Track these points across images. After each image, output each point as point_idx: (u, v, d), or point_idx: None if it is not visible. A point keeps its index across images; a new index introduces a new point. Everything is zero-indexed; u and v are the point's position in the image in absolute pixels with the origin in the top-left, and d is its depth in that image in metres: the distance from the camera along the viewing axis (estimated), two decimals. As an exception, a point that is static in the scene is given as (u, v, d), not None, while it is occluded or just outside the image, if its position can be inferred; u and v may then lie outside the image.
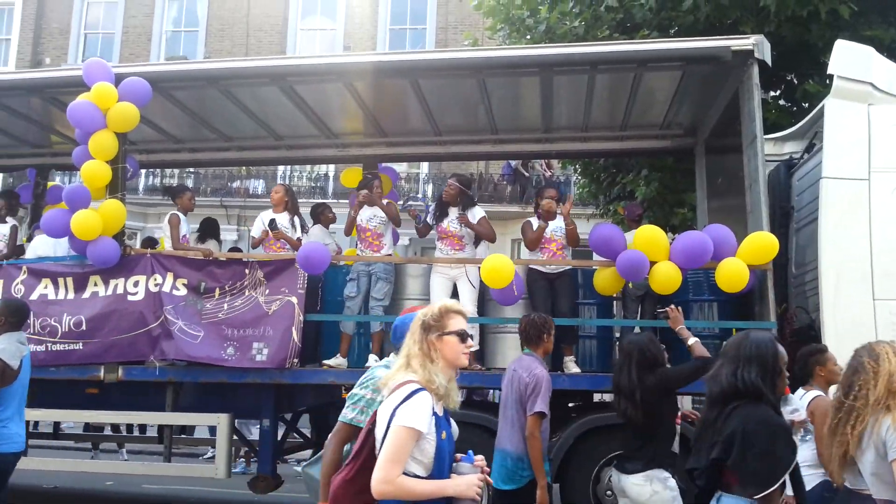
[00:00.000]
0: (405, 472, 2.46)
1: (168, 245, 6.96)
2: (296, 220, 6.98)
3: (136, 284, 6.27)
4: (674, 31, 8.31)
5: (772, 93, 8.91)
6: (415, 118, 7.39)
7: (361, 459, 2.64)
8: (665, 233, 5.92)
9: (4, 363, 4.53)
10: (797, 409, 4.37)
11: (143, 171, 16.86)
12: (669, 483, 4.13)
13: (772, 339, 3.02)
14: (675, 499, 4.12)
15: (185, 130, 8.01)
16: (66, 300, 6.35)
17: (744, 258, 5.41)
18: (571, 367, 6.02)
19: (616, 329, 6.70)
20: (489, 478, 2.80)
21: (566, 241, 6.29)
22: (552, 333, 4.70)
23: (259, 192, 18.90)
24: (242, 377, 6.10)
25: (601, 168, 10.63)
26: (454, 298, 6.29)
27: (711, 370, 3.13)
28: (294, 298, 6.11)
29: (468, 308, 6.20)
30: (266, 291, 6.16)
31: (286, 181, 18.51)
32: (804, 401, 4.45)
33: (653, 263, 5.51)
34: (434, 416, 2.54)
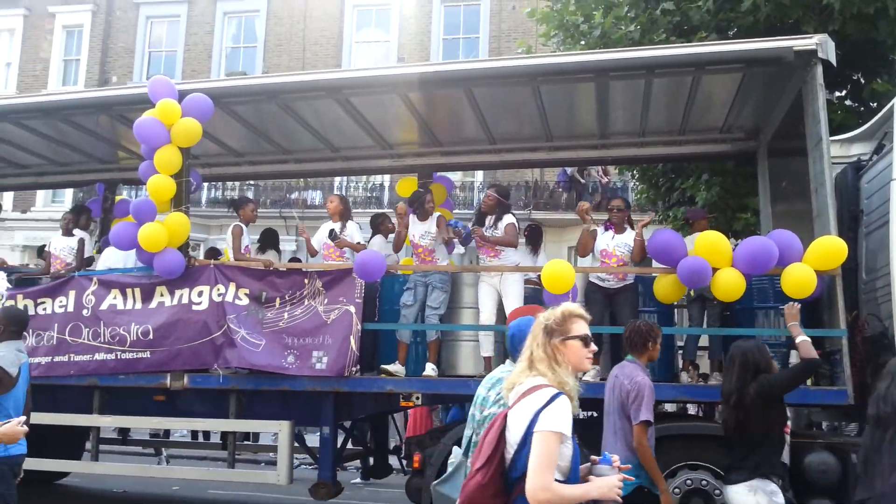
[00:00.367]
0: None
1: (231, 256, 7.13)
2: (350, 225, 6.98)
3: (201, 294, 6.44)
4: (733, 33, 8.13)
5: (837, 93, 8.63)
6: (469, 127, 7.41)
7: (495, 464, 2.60)
8: (727, 238, 5.78)
9: (4, 370, 4.58)
10: None
11: (206, 184, 17.31)
12: (776, 497, 4.00)
13: None
14: None
15: (245, 144, 8.19)
16: (134, 310, 6.55)
17: (811, 263, 5.24)
18: (632, 377, 5.90)
19: (678, 337, 6.56)
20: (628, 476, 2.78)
21: (629, 259, 6.17)
22: (658, 341, 4.57)
23: (317, 203, 19.21)
24: (302, 385, 6.19)
25: (659, 173, 10.45)
26: (500, 306, 6.29)
27: (879, 389, 2.96)
28: (352, 307, 6.18)
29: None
30: (325, 301, 6.25)
31: (342, 192, 18.79)
32: None
33: (715, 270, 5.39)
34: None
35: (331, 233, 6.83)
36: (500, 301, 6.33)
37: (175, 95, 6.38)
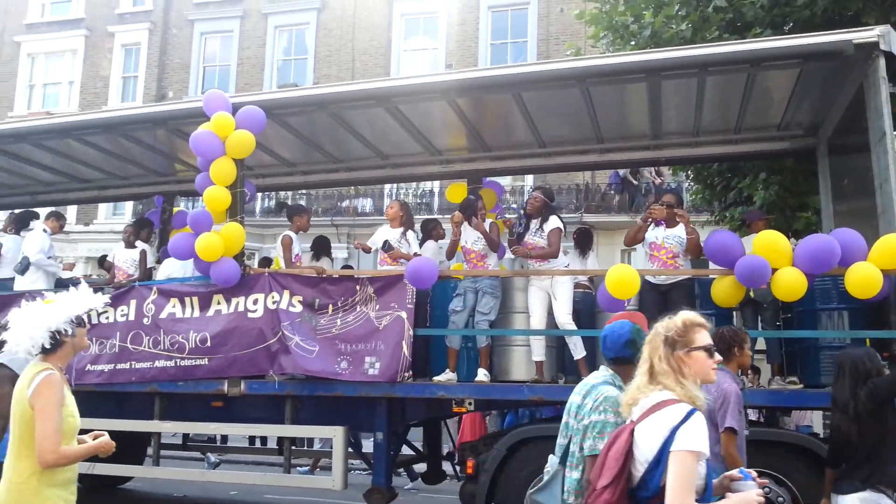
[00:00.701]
0: None
1: (282, 265, 7.23)
2: (409, 235, 6.97)
3: (256, 302, 6.55)
4: (788, 28, 7.91)
5: (901, 86, 8.30)
6: (518, 131, 7.37)
7: (623, 482, 2.53)
8: (787, 238, 5.62)
9: (14, 374, 4.65)
10: None
11: (259, 194, 17.66)
12: None
13: None
14: None
15: (297, 154, 8.32)
16: (193, 318, 6.70)
17: (876, 262, 5.04)
18: (689, 381, 5.77)
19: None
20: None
21: (681, 251, 6.07)
22: (745, 346, 4.42)
23: (367, 211, 19.41)
24: (355, 391, 6.23)
25: (715, 173, 10.22)
26: (550, 310, 6.22)
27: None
28: (403, 313, 6.20)
29: (563, 319, 6.12)
30: (376, 307, 6.29)
31: (393, 199, 18.92)
32: None
33: (774, 270, 5.24)
34: None
35: (385, 244, 6.85)
36: (550, 305, 6.27)
37: (229, 108, 6.52)
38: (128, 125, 7.42)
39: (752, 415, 9.13)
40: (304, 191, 18.57)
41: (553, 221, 6.41)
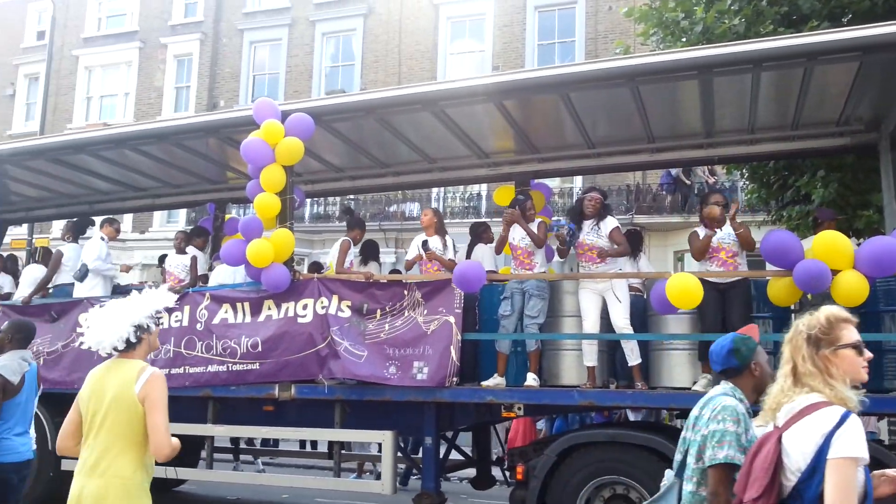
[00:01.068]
0: None
1: (335, 267, 7.28)
2: (447, 241, 7.04)
3: (305, 307, 6.61)
4: (847, 20, 7.63)
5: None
6: (567, 132, 7.27)
7: (775, 494, 2.37)
8: (848, 238, 5.41)
9: (5, 379, 4.78)
10: None
11: (308, 200, 17.91)
12: None
13: None
14: None
15: (345, 159, 8.37)
16: (244, 323, 6.79)
17: (945, 263, 4.82)
18: (746, 386, 5.60)
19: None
20: None
21: (738, 249, 5.91)
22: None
23: (415, 215, 19.47)
24: (404, 395, 6.23)
25: (771, 171, 9.92)
26: (605, 313, 6.10)
27: None
28: (451, 318, 6.18)
29: (621, 324, 5.99)
30: (424, 311, 6.28)
31: (440, 203, 18.96)
32: None
33: (835, 272, 5.04)
34: None
35: (424, 243, 6.86)
36: (603, 308, 6.16)
37: (278, 116, 6.59)
38: (181, 134, 7.56)
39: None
40: (352, 196, 18.74)
41: (611, 220, 6.33)
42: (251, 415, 6.97)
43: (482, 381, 6.32)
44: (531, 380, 6.16)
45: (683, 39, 8.95)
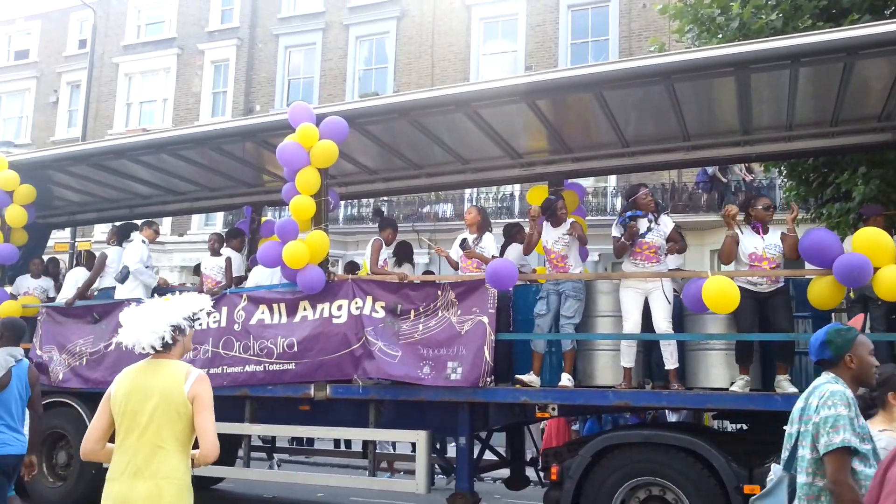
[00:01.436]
0: None
1: (369, 267, 7.33)
2: (486, 238, 6.90)
3: (340, 308, 6.67)
4: (889, 12, 7.46)
5: None
6: (600, 131, 7.23)
7: None
8: (891, 235, 5.29)
9: None
10: None
11: (342, 202, 18.06)
12: None
13: None
14: None
15: (379, 161, 8.42)
16: (280, 324, 6.88)
17: None
18: (786, 387, 5.51)
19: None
20: None
21: (782, 260, 5.78)
22: None
23: (448, 216, 19.51)
24: (438, 395, 6.25)
25: (810, 168, 9.74)
26: (646, 314, 6.03)
27: None
28: (485, 318, 6.18)
29: (663, 325, 5.92)
30: (458, 312, 6.29)
31: (473, 203, 18.96)
32: None
33: (877, 268, 4.94)
34: None
35: (463, 242, 6.86)
36: (646, 308, 6.04)
37: (313, 120, 6.66)
38: (218, 139, 7.69)
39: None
40: (386, 197, 18.84)
41: (669, 220, 6.24)
42: (287, 414, 7.05)
43: (517, 375, 6.29)
44: (566, 380, 6.13)
45: (719, 36, 8.83)
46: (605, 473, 5.57)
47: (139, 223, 9.05)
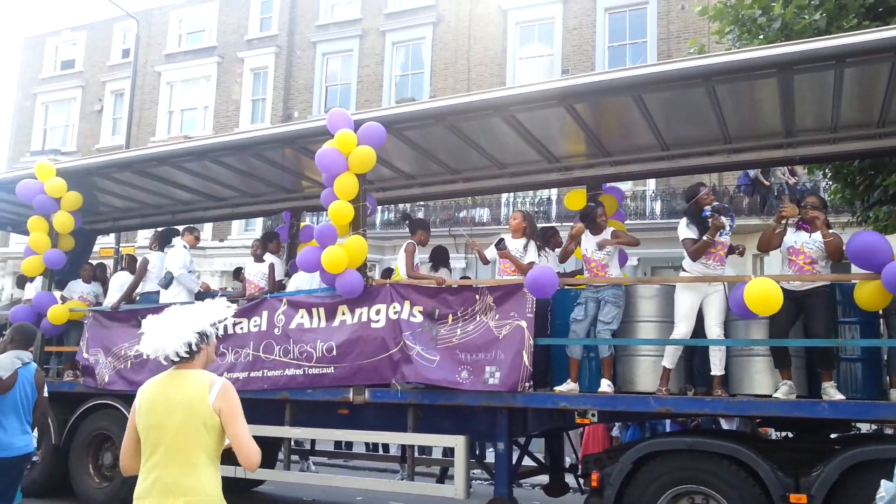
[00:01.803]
0: None
1: (402, 271, 7.35)
2: (530, 245, 6.82)
3: (378, 312, 6.70)
4: (939, 10, 7.28)
5: None
6: (639, 134, 7.16)
7: None
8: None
9: None
10: None
11: (380, 207, 18.14)
12: None
13: None
14: None
15: (415, 166, 8.45)
16: (319, 328, 6.94)
17: None
18: (832, 394, 5.38)
19: (885, 350, 5.88)
20: None
21: (820, 256, 5.64)
22: None
23: (485, 220, 19.49)
24: (476, 400, 6.23)
25: (856, 170, 9.51)
26: (699, 317, 5.92)
27: None
28: (523, 322, 6.15)
29: (717, 331, 5.81)
30: (496, 316, 6.27)
31: (510, 208, 18.91)
32: None
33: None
34: None
35: (499, 241, 6.82)
36: (700, 312, 5.94)
37: (351, 125, 6.72)
38: (258, 145, 7.79)
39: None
40: (422, 202, 18.89)
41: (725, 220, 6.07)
42: (326, 418, 7.11)
43: (554, 387, 6.26)
44: (605, 386, 6.07)
45: (761, 37, 8.70)
46: (647, 481, 5.50)
47: (180, 229, 9.23)
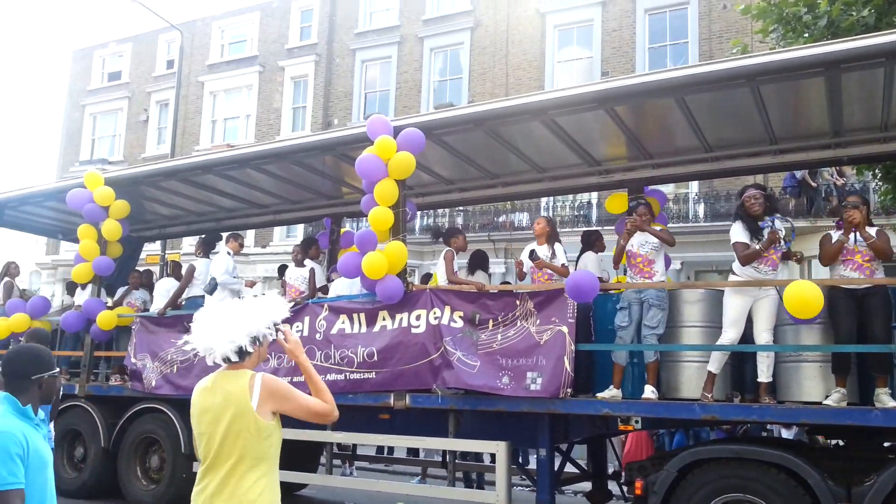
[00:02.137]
0: None
1: (441, 279, 7.35)
2: (557, 248, 6.87)
3: (419, 318, 6.71)
4: None
5: None
6: (682, 136, 7.05)
7: None
8: None
9: None
10: None
11: (419, 212, 18.20)
12: None
13: None
14: None
15: (454, 171, 8.46)
16: (360, 333, 6.97)
17: None
18: (886, 401, 5.21)
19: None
20: None
21: (873, 255, 5.50)
22: None
23: (524, 225, 19.40)
24: (518, 406, 6.19)
25: (906, 171, 9.26)
26: (748, 322, 5.79)
27: None
28: (564, 328, 6.10)
29: (766, 336, 5.67)
30: (537, 321, 6.23)
31: (550, 212, 18.80)
32: None
33: None
34: None
35: (531, 253, 6.80)
36: (749, 316, 5.81)
37: (391, 132, 6.75)
38: (299, 153, 7.88)
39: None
40: (461, 208, 18.89)
41: (779, 223, 5.98)
42: (367, 423, 7.13)
43: (596, 393, 6.19)
44: (649, 392, 5.98)
45: (806, 35, 8.50)
46: (693, 489, 5.40)
47: (224, 235, 9.38)
